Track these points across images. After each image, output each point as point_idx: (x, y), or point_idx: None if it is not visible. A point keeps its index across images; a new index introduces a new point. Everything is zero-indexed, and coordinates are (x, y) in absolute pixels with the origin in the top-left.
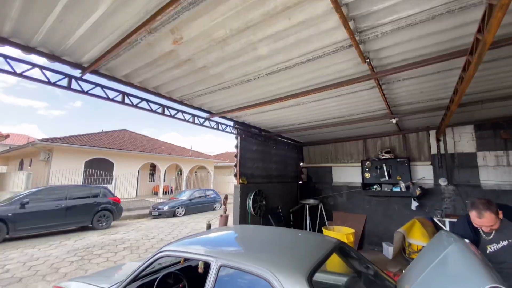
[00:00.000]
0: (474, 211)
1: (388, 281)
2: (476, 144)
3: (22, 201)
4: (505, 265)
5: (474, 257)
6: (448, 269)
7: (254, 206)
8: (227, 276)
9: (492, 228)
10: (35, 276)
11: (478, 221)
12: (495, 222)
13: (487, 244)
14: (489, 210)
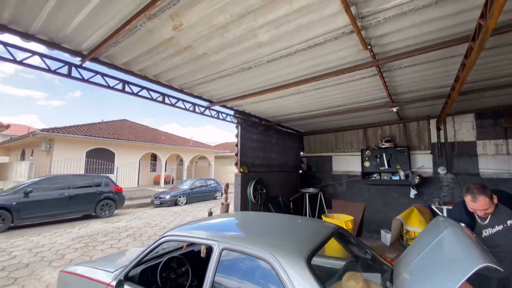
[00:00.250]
0: (469, 196)
1: (386, 265)
2: (476, 133)
3: (26, 190)
4: (500, 249)
5: (468, 239)
6: (443, 251)
7: (254, 194)
8: (228, 259)
9: (486, 212)
10: (42, 262)
11: (473, 205)
12: (489, 206)
13: (483, 228)
14: (483, 194)
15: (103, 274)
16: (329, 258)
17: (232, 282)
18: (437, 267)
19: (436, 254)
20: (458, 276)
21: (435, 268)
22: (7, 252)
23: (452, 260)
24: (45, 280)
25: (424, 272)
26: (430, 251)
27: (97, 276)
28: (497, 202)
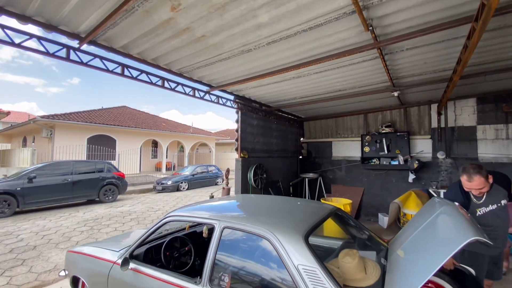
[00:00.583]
0: (465, 175)
1: (381, 244)
2: (476, 118)
3: (29, 176)
4: (492, 228)
5: (461, 216)
6: (436, 228)
7: (255, 179)
8: (229, 238)
9: (481, 192)
10: (48, 244)
11: (468, 184)
12: (485, 185)
13: (477, 207)
14: (479, 174)
15: (109, 253)
16: (327, 238)
17: (233, 259)
18: (430, 242)
19: (429, 231)
20: (449, 249)
21: (427, 243)
22: (15, 235)
23: (444, 235)
24: (53, 261)
25: (417, 248)
26: (423, 228)
27: (103, 255)
28: (493, 182)
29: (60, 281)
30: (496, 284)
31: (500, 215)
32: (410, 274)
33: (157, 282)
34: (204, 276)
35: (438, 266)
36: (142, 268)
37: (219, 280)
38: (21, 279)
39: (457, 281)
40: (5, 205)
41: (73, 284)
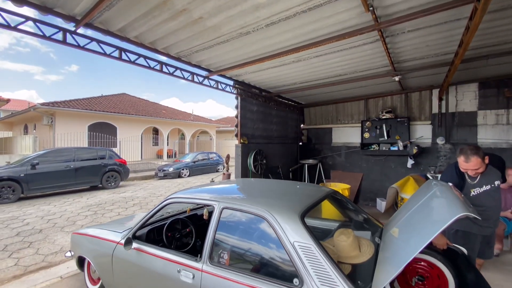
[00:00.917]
0: (462, 156)
1: (377, 225)
2: (478, 103)
3: (32, 163)
4: (485, 208)
5: (453, 195)
6: (429, 207)
7: (254, 165)
8: (228, 218)
9: (477, 172)
10: (54, 228)
11: (465, 165)
12: (481, 165)
13: (471, 188)
14: (476, 154)
15: (112, 234)
16: (325, 220)
17: (232, 238)
18: (421, 221)
19: (422, 210)
20: (439, 225)
21: (419, 222)
22: (20, 219)
23: (435, 213)
24: (59, 244)
25: (409, 226)
26: (417, 208)
27: (107, 236)
28: (488, 163)
29: (67, 262)
30: (490, 265)
31: (493, 195)
32: (400, 250)
33: (159, 260)
34: (204, 254)
35: (427, 242)
36: (144, 247)
37: (219, 258)
38: (28, 261)
39: (450, 260)
40: (10, 191)
41: (79, 264)
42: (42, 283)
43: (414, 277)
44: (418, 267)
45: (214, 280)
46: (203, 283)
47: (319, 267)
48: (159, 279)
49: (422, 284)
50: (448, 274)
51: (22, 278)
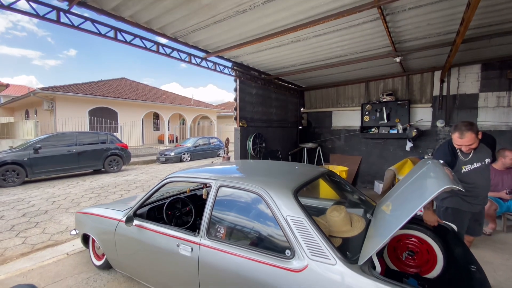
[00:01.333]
0: (457, 132)
1: (370, 203)
2: (479, 85)
3: (35, 147)
4: (475, 186)
5: (441, 171)
6: (418, 183)
7: (253, 148)
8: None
9: (470, 148)
10: (59, 209)
11: (460, 141)
12: (475, 141)
13: (463, 165)
14: (471, 130)
15: (114, 213)
16: (321, 199)
17: (228, 213)
18: (410, 196)
19: (412, 186)
20: (424, 198)
21: (407, 197)
22: (26, 201)
23: (422, 187)
24: (64, 224)
25: (398, 202)
26: (407, 185)
27: (109, 214)
28: (480, 140)
29: (73, 240)
30: (482, 243)
31: (483, 173)
32: (387, 224)
33: (159, 235)
34: (202, 229)
35: (411, 214)
36: (145, 224)
37: (216, 232)
38: (35, 239)
39: (439, 236)
40: (14, 174)
41: (84, 241)
42: (49, 259)
43: (405, 252)
44: (409, 243)
45: (211, 253)
46: (201, 255)
47: (309, 239)
48: (160, 253)
49: (412, 258)
50: (437, 249)
51: (30, 255)
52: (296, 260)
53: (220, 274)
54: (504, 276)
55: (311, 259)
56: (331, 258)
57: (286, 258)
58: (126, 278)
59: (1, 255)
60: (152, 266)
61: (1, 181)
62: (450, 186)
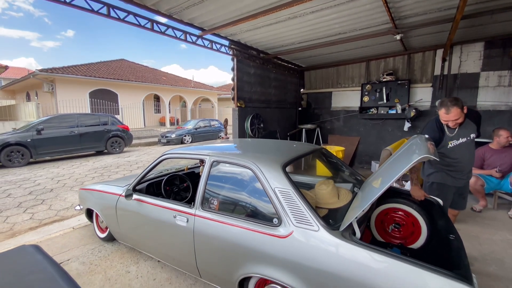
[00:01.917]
0: (443, 108)
1: (360, 179)
2: (481, 64)
3: (37, 128)
4: (460, 160)
5: (423, 144)
6: (401, 155)
7: (252, 128)
8: (218, 169)
9: (457, 123)
10: (64, 188)
11: (446, 116)
12: (460, 116)
13: (449, 140)
14: (456, 105)
15: (115, 188)
16: (313, 176)
17: (221, 187)
18: (391, 167)
19: (396, 159)
20: (402, 168)
21: (389, 169)
22: (32, 180)
23: (403, 159)
24: (70, 201)
25: (383, 175)
26: (393, 159)
27: (110, 190)
28: (466, 116)
29: (78, 215)
30: (470, 219)
31: (468, 148)
32: (369, 194)
33: (157, 208)
34: (196, 201)
35: (389, 183)
36: (144, 198)
37: (209, 204)
38: (42, 215)
39: (425, 209)
40: (19, 155)
41: (88, 216)
42: (56, 233)
43: (391, 225)
44: (396, 216)
45: (205, 222)
46: (196, 225)
47: (295, 208)
48: (158, 224)
49: (398, 231)
50: (422, 221)
51: (37, 229)
52: (283, 227)
53: (214, 242)
54: (489, 249)
55: (296, 226)
56: (314, 225)
57: (274, 226)
58: (129, 249)
59: (10, 229)
60: (151, 237)
61: (6, 161)
62: (426, 156)
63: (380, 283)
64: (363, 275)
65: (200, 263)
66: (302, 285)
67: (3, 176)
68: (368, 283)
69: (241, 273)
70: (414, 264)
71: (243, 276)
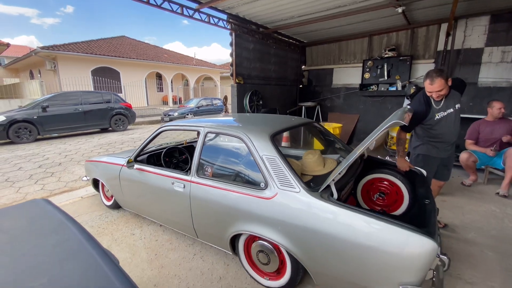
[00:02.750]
0: (428, 79)
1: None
2: (486, 39)
3: (42, 105)
4: (445, 132)
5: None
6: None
7: (250, 105)
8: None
9: (440, 94)
10: (71, 162)
11: (430, 87)
12: (444, 87)
13: (436, 112)
14: (440, 76)
15: (119, 159)
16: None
17: (214, 155)
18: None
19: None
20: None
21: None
22: (41, 155)
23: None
24: (77, 174)
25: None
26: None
27: (114, 161)
28: (451, 87)
29: (85, 187)
30: (459, 192)
31: (453, 119)
32: (347, 159)
33: (157, 176)
34: (192, 169)
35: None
36: (145, 167)
37: (204, 171)
38: (52, 186)
39: (408, 179)
40: (27, 132)
41: (94, 185)
42: (66, 201)
43: (376, 194)
44: (381, 186)
45: (200, 188)
46: (192, 190)
47: (280, 173)
48: (158, 191)
49: (382, 199)
50: (405, 190)
51: (48, 198)
52: (268, 190)
53: (208, 205)
54: (471, 219)
55: (280, 188)
56: (296, 187)
57: (261, 189)
58: (134, 215)
59: (24, 198)
60: (152, 203)
61: (15, 137)
62: (396, 122)
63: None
64: (336, 229)
65: (196, 224)
66: (284, 240)
67: (13, 151)
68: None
69: (232, 231)
70: (375, 217)
71: (234, 233)
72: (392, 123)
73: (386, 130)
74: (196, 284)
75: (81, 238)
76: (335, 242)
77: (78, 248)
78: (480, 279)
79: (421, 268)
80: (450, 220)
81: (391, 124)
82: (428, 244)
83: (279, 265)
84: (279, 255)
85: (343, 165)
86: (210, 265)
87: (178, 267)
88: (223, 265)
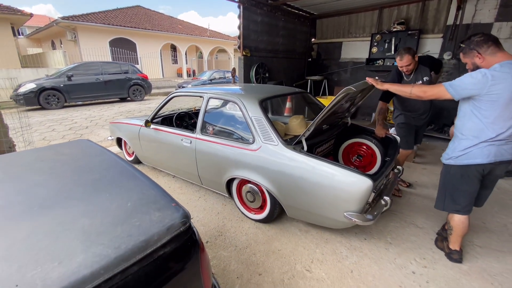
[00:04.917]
0: (398, 56)
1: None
2: (496, 13)
3: (68, 75)
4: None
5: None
6: None
7: (256, 78)
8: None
9: (409, 69)
10: (96, 126)
11: (400, 62)
12: (411, 62)
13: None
14: (408, 53)
15: (138, 121)
16: None
17: (215, 117)
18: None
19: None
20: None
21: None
22: (69, 120)
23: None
24: (102, 136)
25: None
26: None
27: (134, 122)
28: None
29: (110, 147)
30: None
31: None
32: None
33: (169, 134)
34: (197, 128)
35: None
36: (160, 127)
37: (206, 130)
38: None
39: (382, 144)
40: (55, 99)
41: (118, 144)
42: None
43: (355, 156)
44: (360, 149)
45: (203, 143)
46: (197, 145)
47: (264, 130)
48: (169, 145)
49: (359, 161)
50: (378, 153)
51: None
52: (255, 144)
53: (209, 156)
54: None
55: (264, 142)
56: (275, 142)
57: (249, 143)
58: (151, 169)
59: None
60: (166, 156)
61: (45, 104)
62: (348, 88)
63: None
64: (302, 173)
65: (200, 172)
66: (266, 182)
67: (45, 115)
68: (305, 177)
69: (227, 176)
70: (330, 163)
71: (229, 177)
72: (346, 88)
73: (343, 95)
74: (199, 216)
75: (124, 164)
76: (301, 182)
77: (125, 170)
78: (429, 225)
79: (360, 200)
80: (412, 179)
81: (345, 89)
82: (365, 182)
83: (262, 202)
84: (262, 194)
85: (311, 125)
86: (211, 204)
87: (186, 205)
88: (221, 205)
